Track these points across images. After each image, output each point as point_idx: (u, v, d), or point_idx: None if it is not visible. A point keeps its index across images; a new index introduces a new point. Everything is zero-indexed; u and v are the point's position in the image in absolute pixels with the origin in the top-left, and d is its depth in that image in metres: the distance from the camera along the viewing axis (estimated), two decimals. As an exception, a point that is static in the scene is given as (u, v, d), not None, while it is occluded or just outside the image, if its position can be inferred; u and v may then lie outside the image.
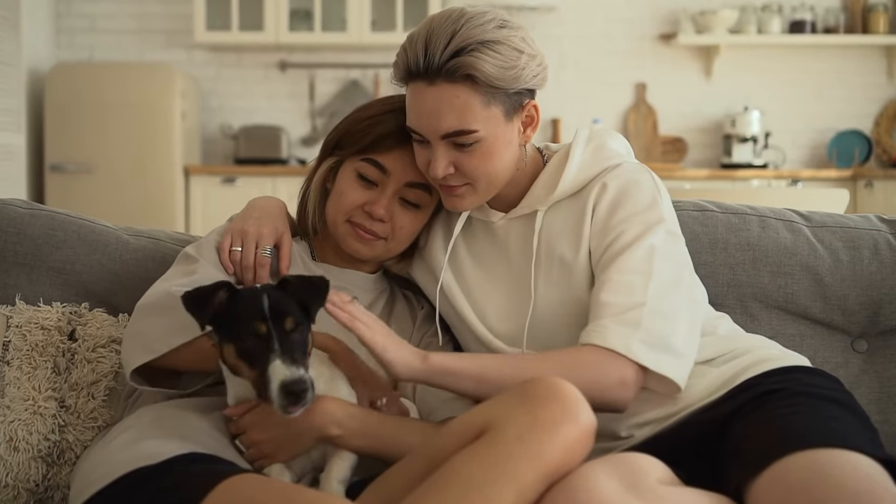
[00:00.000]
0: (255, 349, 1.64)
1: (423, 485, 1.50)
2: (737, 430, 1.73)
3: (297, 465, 1.81)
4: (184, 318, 1.73)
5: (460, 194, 1.99)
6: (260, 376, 1.63)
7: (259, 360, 1.63)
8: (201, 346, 1.83)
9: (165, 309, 1.88)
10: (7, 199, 2.32)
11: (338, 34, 7.20)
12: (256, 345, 1.64)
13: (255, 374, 1.65)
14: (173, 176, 6.75)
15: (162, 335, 1.85)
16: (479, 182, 1.96)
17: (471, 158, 1.92)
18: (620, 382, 1.82)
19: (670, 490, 1.54)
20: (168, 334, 1.84)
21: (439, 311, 2.15)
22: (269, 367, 1.61)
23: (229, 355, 1.68)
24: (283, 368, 1.61)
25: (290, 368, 1.61)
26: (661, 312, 1.85)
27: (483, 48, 1.85)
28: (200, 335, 1.80)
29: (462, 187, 1.97)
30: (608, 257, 1.92)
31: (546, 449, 1.49)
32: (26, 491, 1.99)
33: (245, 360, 1.66)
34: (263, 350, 1.63)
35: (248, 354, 1.65)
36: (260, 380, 1.63)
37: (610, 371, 1.81)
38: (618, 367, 1.81)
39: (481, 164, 1.93)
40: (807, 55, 7.50)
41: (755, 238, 2.34)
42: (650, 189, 1.99)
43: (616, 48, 7.55)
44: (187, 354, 1.86)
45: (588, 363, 1.81)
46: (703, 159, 7.54)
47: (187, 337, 1.83)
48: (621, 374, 1.82)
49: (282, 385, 1.60)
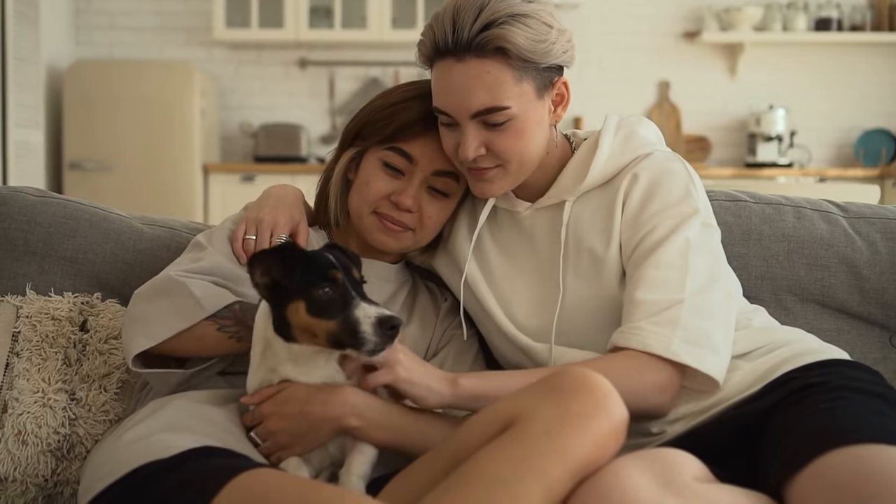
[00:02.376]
0: (333, 298, 1.62)
1: (447, 481, 1.44)
2: (775, 425, 1.67)
3: (314, 459, 1.76)
4: (184, 302, 1.75)
5: (490, 178, 1.93)
6: (343, 323, 1.60)
7: (339, 308, 1.61)
8: (202, 333, 1.82)
9: (164, 293, 1.86)
10: (18, 186, 2.29)
11: (358, 31, 7.20)
12: (333, 294, 1.62)
13: (334, 323, 1.61)
14: (192, 174, 6.74)
15: (162, 320, 1.83)
16: (512, 163, 1.90)
17: (503, 138, 1.87)
18: (658, 388, 1.77)
19: (707, 487, 1.47)
20: (169, 319, 1.82)
21: (463, 304, 2.09)
22: (354, 310, 1.60)
23: (298, 315, 1.64)
24: (372, 308, 1.60)
25: (378, 307, 1.60)
26: (699, 309, 1.80)
27: (513, 21, 1.81)
28: (201, 320, 1.80)
29: (493, 170, 1.91)
30: (641, 252, 1.87)
31: (576, 444, 1.42)
32: (35, 486, 1.95)
33: (321, 313, 1.62)
34: (341, 298, 1.62)
35: (324, 306, 1.62)
36: (343, 327, 1.60)
37: (648, 376, 1.76)
38: (656, 371, 1.77)
39: (514, 143, 1.87)
40: (833, 53, 7.45)
41: (790, 229, 2.30)
42: (683, 179, 1.93)
43: (639, 46, 7.51)
44: (188, 341, 1.84)
45: (625, 370, 1.75)
46: (728, 158, 7.49)
47: (188, 322, 1.81)
48: (659, 378, 1.77)
49: (378, 321, 1.58)
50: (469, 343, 2.13)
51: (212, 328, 1.82)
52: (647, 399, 1.76)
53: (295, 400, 1.71)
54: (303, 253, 1.69)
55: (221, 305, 1.83)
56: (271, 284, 1.67)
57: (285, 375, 1.73)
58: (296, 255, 1.67)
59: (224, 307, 1.83)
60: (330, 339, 1.63)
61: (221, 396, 1.84)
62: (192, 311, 1.81)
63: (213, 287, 1.88)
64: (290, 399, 1.70)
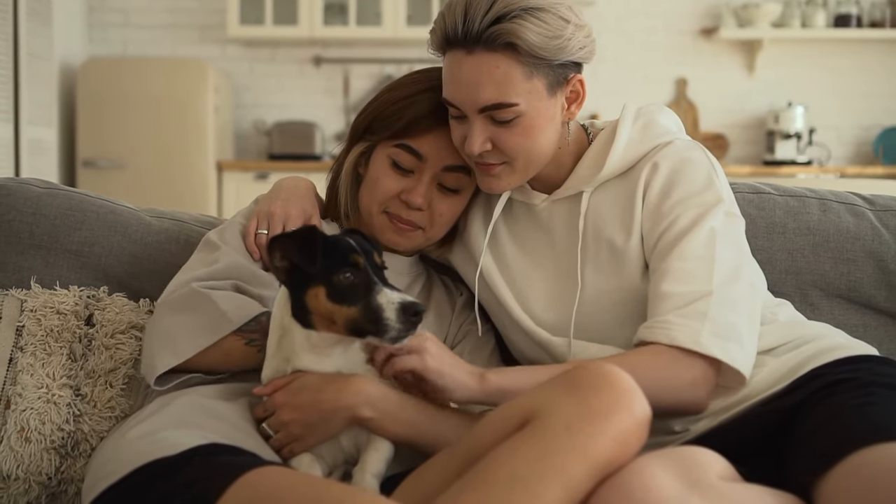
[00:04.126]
0: (355, 283, 1.59)
1: (463, 479, 1.39)
2: (803, 423, 1.63)
3: (327, 456, 1.72)
4: (210, 316, 1.74)
5: (496, 174, 1.89)
6: (365, 309, 1.57)
7: (360, 294, 1.58)
8: (229, 348, 1.79)
9: (190, 308, 1.82)
10: (24, 178, 2.26)
11: (373, 28, 7.18)
12: (355, 279, 1.59)
13: (355, 310, 1.58)
14: (206, 172, 6.72)
15: (188, 336, 1.79)
16: (517, 161, 1.86)
17: (510, 135, 1.83)
18: (692, 383, 1.73)
19: (733, 487, 1.42)
20: (195, 335, 1.79)
21: (478, 298, 2.05)
22: (377, 296, 1.57)
23: (318, 300, 1.61)
24: (395, 293, 1.57)
25: (401, 293, 1.57)
26: (727, 300, 1.75)
27: (526, 15, 1.75)
28: (227, 335, 1.77)
29: (499, 166, 1.88)
30: (665, 244, 1.82)
31: (597, 441, 1.37)
32: (38, 484, 1.90)
33: (341, 299, 1.59)
34: (363, 283, 1.59)
35: (345, 291, 1.59)
36: (365, 314, 1.57)
37: (680, 372, 1.72)
38: (688, 366, 1.72)
39: (520, 141, 1.83)
40: (852, 50, 7.40)
41: (815, 222, 2.26)
42: (705, 167, 1.89)
43: (656, 43, 7.47)
44: (215, 356, 1.80)
45: (654, 366, 1.71)
46: (746, 156, 7.45)
47: (215, 337, 1.78)
48: (692, 373, 1.73)
49: (402, 307, 1.55)
50: (485, 339, 2.10)
51: (239, 343, 1.80)
52: (681, 395, 1.72)
53: (307, 389, 1.67)
54: (323, 237, 1.64)
55: (249, 317, 1.80)
56: (290, 269, 1.64)
57: (299, 365, 1.69)
58: (316, 238, 1.63)
59: (251, 319, 1.80)
60: (349, 326, 1.59)
61: (230, 391, 1.79)
62: (219, 324, 1.77)
63: (237, 297, 1.84)
64: (302, 388, 1.67)
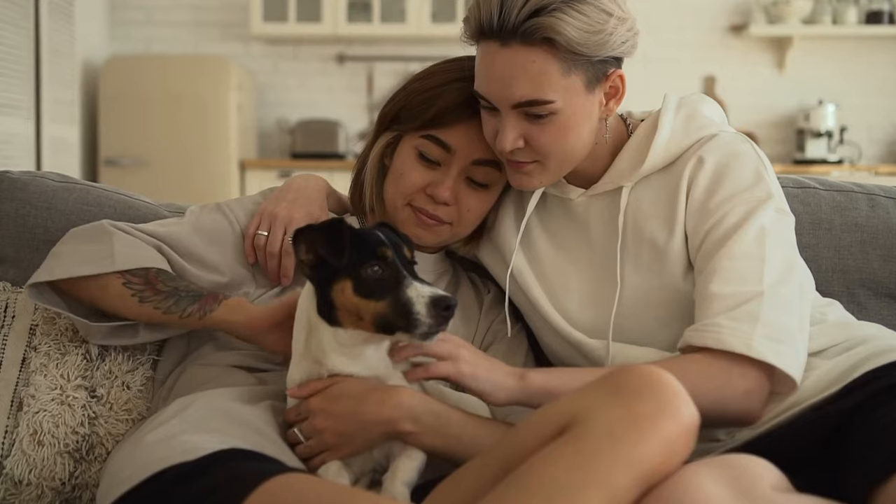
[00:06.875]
0: (384, 277, 1.55)
1: (498, 488, 1.31)
2: (858, 429, 1.55)
3: (355, 464, 1.65)
4: (101, 251, 1.79)
5: (528, 171, 1.83)
6: (394, 303, 1.53)
7: (389, 288, 1.54)
8: (106, 282, 1.81)
9: (91, 238, 1.87)
10: (39, 171, 2.22)
11: (397, 26, 7.18)
12: (384, 273, 1.55)
13: (383, 304, 1.54)
14: (229, 170, 6.73)
15: (72, 262, 1.83)
16: (551, 160, 1.80)
17: (543, 132, 1.75)
18: (746, 392, 1.65)
19: (788, 498, 1.34)
20: (79, 263, 1.82)
21: (509, 297, 1.98)
22: (406, 290, 1.53)
23: (344, 295, 1.56)
24: (426, 287, 1.53)
25: (432, 287, 1.53)
26: (779, 301, 1.68)
27: (566, 8, 1.68)
28: (108, 273, 1.79)
29: (531, 164, 1.81)
30: (712, 242, 1.75)
31: (642, 448, 1.29)
32: (51, 490, 1.85)
33: (369, 293, 1.55)
34: (392, 277, 1.55)
35: (373, 285, 1.55)
36: (394, 308, 1.53)
37: (734, 380, 1.65)
38: (742, 374, 1.65)
39: (555, 139, 1.76)
40: (884, 47, 7.35)
41: (863, 218, 2.20)
42: (753, 161, 1.81)
43: (685, 40, 7.43)
44: (92, 288, 1.83)
45: (707, 374, 1.64)
46: (775, 155, 7.37)
47: (94, 271, 1.80)
48: (746, 382, 1.65)
49: (433, 301, 1.50)
50: (518, 340, 2.03)
51: (118, 281, 1.80)
52: (734, 406, 1.64)
53: (347, 397, 1.60)
54: (351, 229, 1.60)
55: (137, 266, 1.81)
56: (316, 262, 1.59)
57: (333, 368, 1.62)
58: (344, 231, 1.58)
59: (140, 267, 1.80)
60: (377, 321, 1.54)
61: (252, 394, 1.73)
62: (102, 260, 1.80)
63: (142, 248, 1.85)
64: (342, 395, 1.59)
